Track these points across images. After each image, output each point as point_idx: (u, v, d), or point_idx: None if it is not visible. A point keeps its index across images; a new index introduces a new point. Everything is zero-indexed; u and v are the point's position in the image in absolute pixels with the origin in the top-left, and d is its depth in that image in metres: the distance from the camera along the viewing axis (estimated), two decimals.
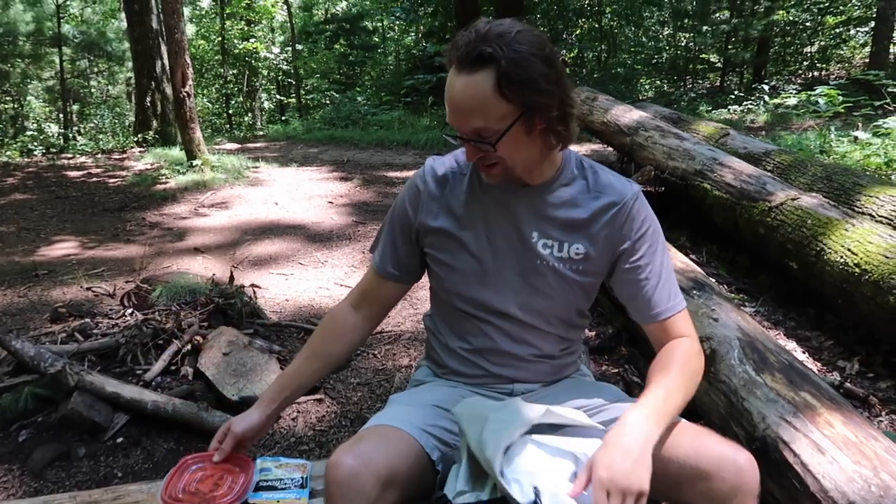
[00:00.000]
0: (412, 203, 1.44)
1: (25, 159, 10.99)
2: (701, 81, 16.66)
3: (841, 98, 6.39)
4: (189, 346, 2.77)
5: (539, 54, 1.19)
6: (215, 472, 1.48)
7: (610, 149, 6.18)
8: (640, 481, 1.08)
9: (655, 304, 1.35)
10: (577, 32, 17.33)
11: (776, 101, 10.12)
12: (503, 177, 1.30)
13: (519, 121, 1.22)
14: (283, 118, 17.94)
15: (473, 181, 1.40)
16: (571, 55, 16.48)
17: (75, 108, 18.01)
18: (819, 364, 2.75)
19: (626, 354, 2.91)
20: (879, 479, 1.39)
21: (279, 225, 5.58)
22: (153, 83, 11.03)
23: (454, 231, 1.39)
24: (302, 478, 1.50)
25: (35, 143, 13.48)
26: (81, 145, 13.05)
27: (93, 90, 19.29)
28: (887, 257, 2.54)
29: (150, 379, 2.60)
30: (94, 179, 8.12)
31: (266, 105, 21.68)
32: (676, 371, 1.28)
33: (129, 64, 13.75)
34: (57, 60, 15.59)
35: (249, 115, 20.55)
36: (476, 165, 1.35)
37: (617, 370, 2.80)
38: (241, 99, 20.53)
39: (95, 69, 18.17)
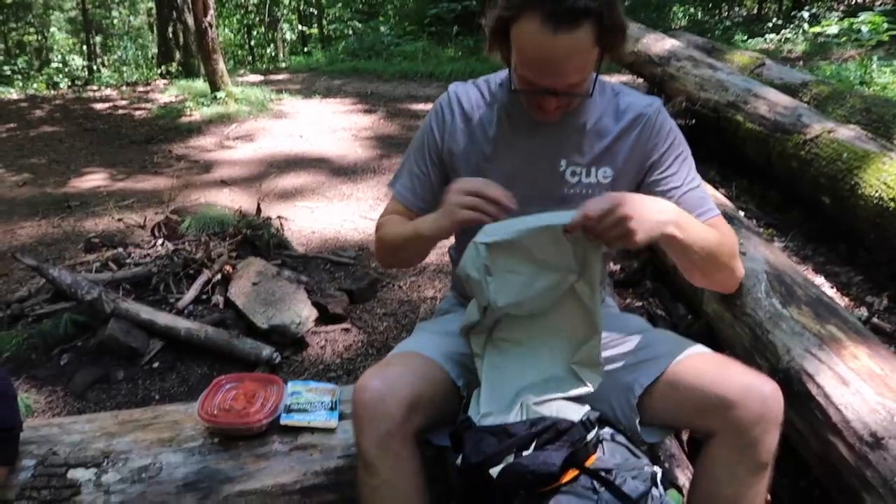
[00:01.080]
0: (439, 128, 1.42)
1: (52, 92, 11.02)
2: (737, 9, 15.95)
3: (886, 25, 6.09)
4: (219, 276, 2.83)
5: None
6: (248, 391, 1.53)
7: (640, 80, 6.01)
8: (659, 223, 1.13)
9: (688, 210, 1.27)
10: None
11: (816, 29, 9.68)
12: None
13: (600, 59, 1.20)
14: (306, 49, 17.63)
15: (500, 111, 1.38)
16: None
17: (98, 39, 17.90)
18: (847, 299, 2.73)
19: (650, 288, 2.91)
20: None
21: (304, 158, 5.57)
22: (174, 13, 10.86)
23: (480, 160, 1.38)
24: (332, 401, 1.55)
25: (60, 76, 13.48)
26: (106, 77, 13.03)
27: (115, 21, 19.09)
28: None
29: (183, 307, 2.67)
30: (120, 112, 8.13)
31: (288, 36, 21.27)
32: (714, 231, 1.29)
33: None
34: None
35: (272, 46, 20.22)
36: (509, 98, 1.33)
37: (641, 304, 2.81)
38: (262, 30, 20.16)
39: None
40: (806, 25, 10.71)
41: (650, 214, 1.12)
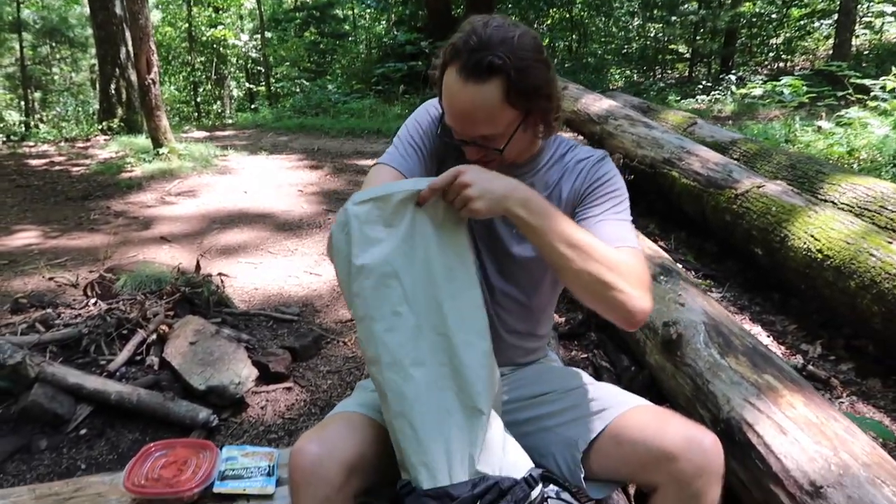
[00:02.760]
0: (428, 129, 1.42)
1: None
2: (670, 72, 16.82)
3: (805, 88, 6.50)
4: (154, 336, 2.72)
5: (541, 59, 1.22)
6: (179, 458, 1.46)
7: (580, 137, 6.21)
8: (502, 197, 1.16)
9: (606, 241, 1.24)
10: (549, 22, 17.37)
11: (743, 91, 10.27)
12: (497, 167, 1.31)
13: (522, 123, 1.24)
14: (253, 106, 17.68)
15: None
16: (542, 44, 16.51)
17: (37, 95, 17.51)
18: (783, 347, 2.81)
19: (595, 340, 2.93)
20: (839, 458, 1.42)
21: (248, 213, 5.50)
22: (117, 70, 10.75)
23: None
24: (269, 466, 1.49)
25: None
26: (44, 133, 12.68)
27: (55, 77, 18.77)
28: (848, 243, 2.59)
29: (115, 369, 2.55)
30: (57, 168, 7.91)
31: (235, 93, 21.31)
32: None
33: (93, 50, 13.40)
34: (17, 46, 15.13)
35: (218, 103, 20.19)
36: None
37: (586, 355, 2.83)
38: (209, 87, 20.14)
39: (58, 55, 17.67)
40: (734, 87, 11.37)
41: (495, 187, 1.17)
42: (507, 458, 1.19)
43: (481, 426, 1.16)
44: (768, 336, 2.91)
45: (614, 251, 1.22)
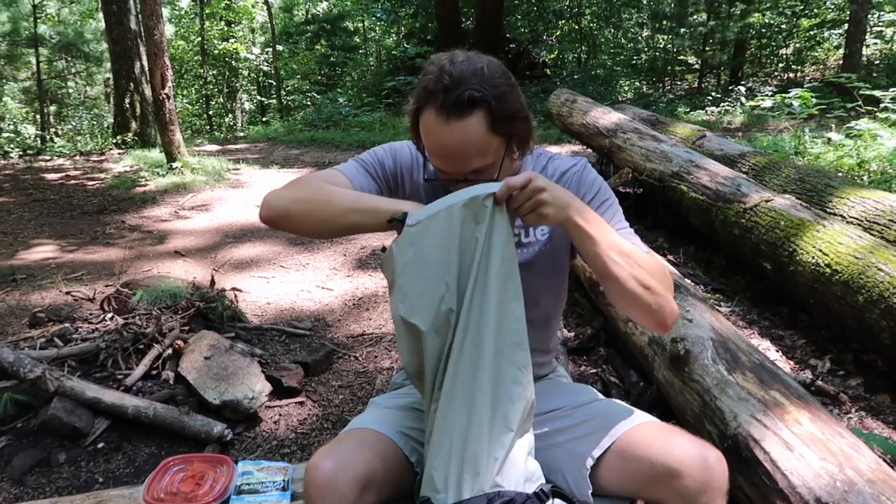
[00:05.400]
0: (406, 168, 1.46)
1: (2, 161, 10.84)
2: (679, 83, 16.83)
3: (814, 100, 6.51)
4: (170, 351, 2.77)
5: (511, 84, 1.26)
6: (196, 473, 1.50)
7: (589, 150, 6.24)
8: (567, 205, 1.18)
9: None
10: (557, 34, 17.44)
11: (752, 102, 10.27)
12: None
13: (507, 149, 1.28)
14: (264, 119, 17.87)
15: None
16: (551, 56, 16.58)
17: (52, 109, 17.77)
18: (792, 363, 2.81)
19: (604, 355, 2.95)
20: (844, 474, 1.44)
21: (260, 228, 5.56)
22: (132, 84, 10.92)
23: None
24: (283, 480, 1.52)
25: (11, 146, 13.28)
26: (59, 147, 12.88)
27: (70, 91, 19.03)
28: (857, 258, 2.61)
29: (131, 384, 2.60)
30: (73, 182, 8.03)
31: (247, 106, 21.54)
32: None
33: (108, 65, 13.59)
34: (33, 61, 15.37)
35: (230, 116, 20.41)
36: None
37: (595, 370, 2.85)
38: (221, 100, 20.37)
39: (73, 70, 17.92)
40: (743, 98, 11.36)
41: (561, 194, 1.20)
42: (526, 472, 1.22)
43: (508, 442, 1.18)
44: (777, 351, 2.92)
45: (650, 257, 1.29)
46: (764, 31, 14.96)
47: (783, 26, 15.14)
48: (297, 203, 1.32)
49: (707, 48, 14.72)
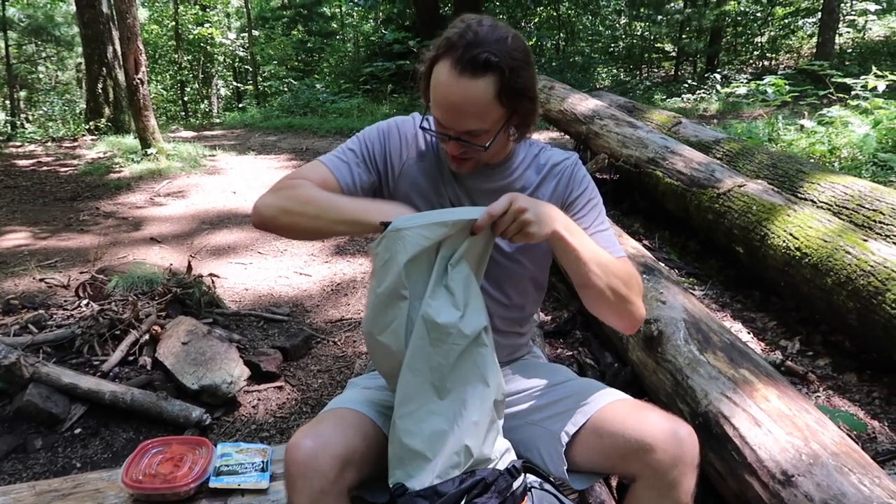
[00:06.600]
0: (395, 148, 1.46)
1: None
2: (656, 70, 16.94)
3: (788, 88, 6.61)
4: (147, 337, 2.76)
5: (530, 63, 1.27)
6: (175, 455, 1.50)
7: (567, 137, 6.28)
8: (551, 220, 1.20)
9: None
10: (536, 20, 17.43)
11: (727, 90, 10.38)
12: (472, 167, 1.36)
13: (506, 122, 1.29)
14: (240, 105, 17.64)
15: (438, 161, 1.44)
16: (530, 43, 16.52)
17: (23, 94, 17.39)
18: (763, 344, 2.88)
19: (580, 338, 3.00)
20: (810, 448, 1.48)
21: (237, 214, 5.53)
22: (105, 69, 10.71)
23: (419, 192, 1.44)
24: (262, 462, 1.54)
25: None
26: (30, 133, 12.62)
27: (41, 76, 18.63)
28: (825, 241, 2.67)
29: (108, 369, 2.59)
30: (45, 168, 7.89)
31: (223, 92, 21.24)
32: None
33: (79, 49, 13.32)
34: (2, 45, 15.01)
35: (205, 102, 20.12)
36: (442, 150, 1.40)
37: (571, 353, 2.89)
38: (196, 86, 20.06)
39: (43, 54, 17.54)
40: (719, 86, 11.47)
41: (543, 210, 1.22)
42: (495, 451, 1.24)
43: (477, 424, 1.21)
44: (749, 333, 2.98)
45: (623, 265, 1.33)
46: (739, 19, 15.09)
47: (758, 14, 15.29)
48: (287, 214, 1.37)
49: (684, 36, 14.82)
